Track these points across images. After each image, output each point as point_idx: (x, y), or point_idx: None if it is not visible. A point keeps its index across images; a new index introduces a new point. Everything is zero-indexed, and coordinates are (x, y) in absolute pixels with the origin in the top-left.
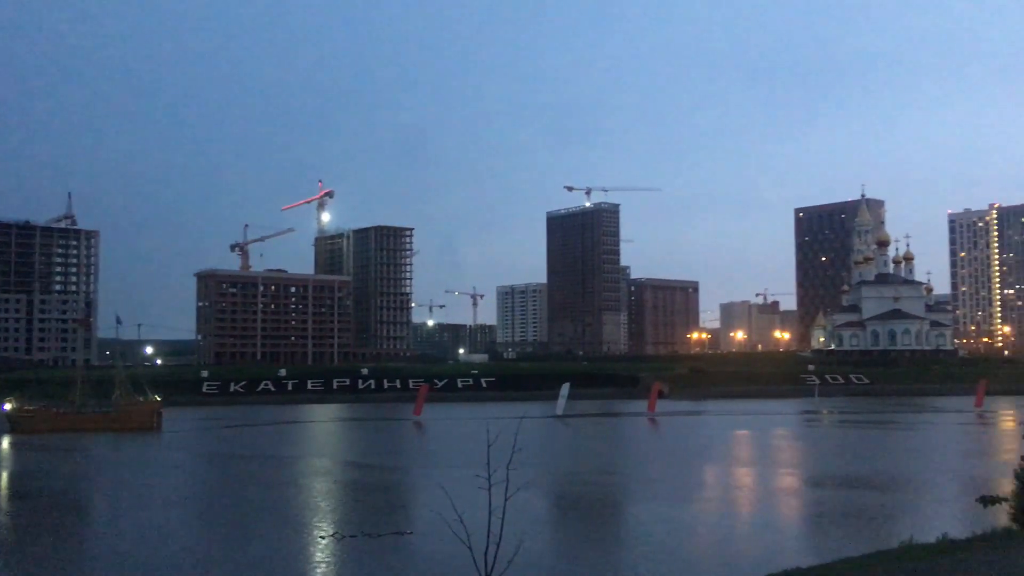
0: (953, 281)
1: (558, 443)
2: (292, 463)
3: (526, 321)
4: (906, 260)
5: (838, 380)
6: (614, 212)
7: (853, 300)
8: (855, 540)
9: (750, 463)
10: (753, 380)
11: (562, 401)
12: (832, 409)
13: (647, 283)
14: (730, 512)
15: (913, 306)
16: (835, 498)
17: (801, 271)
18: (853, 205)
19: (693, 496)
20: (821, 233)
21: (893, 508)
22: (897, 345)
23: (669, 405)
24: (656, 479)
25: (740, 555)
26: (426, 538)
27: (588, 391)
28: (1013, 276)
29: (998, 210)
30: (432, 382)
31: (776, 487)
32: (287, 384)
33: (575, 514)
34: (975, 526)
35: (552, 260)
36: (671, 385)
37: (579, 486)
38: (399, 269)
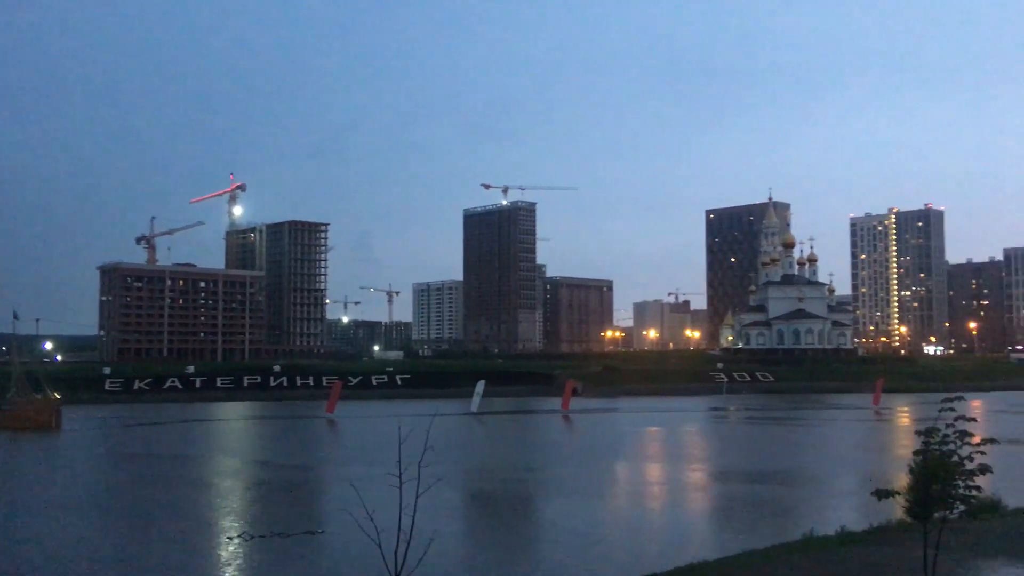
0: (854, 282)
1: (473, 440)
2: (199, 462)
3: (442, 319)
4: (810, 262)
5: (745, 378)
6: (531, 210)
7: (760, 300)
8: (760, 533)
9: (661, 459)
10: (664, 378)
11: (477, 399)
12: (739, 406)
13: (563, 281)
14: (641, 506)
15: (816, 306)
16: (741, 492)
17: (711, 271)
18: (761, 208)
19: (605, 492)
20: (731, 234)
21: (795, 502)
22: (801, 344)
23: (582, 403)
24: (569, 475)
25: (651, 548)
26: (337, 537)
27: (503, 389)
28: (910, 278)
29: (896, 214)
30: (346, 379)
31: (685, 482)
32: (195, 381)
33: (488, 510)
34: (872, 519)
35: (468, 258)
36: (585, 383)
37: (493, 483)
38: (313, 265)
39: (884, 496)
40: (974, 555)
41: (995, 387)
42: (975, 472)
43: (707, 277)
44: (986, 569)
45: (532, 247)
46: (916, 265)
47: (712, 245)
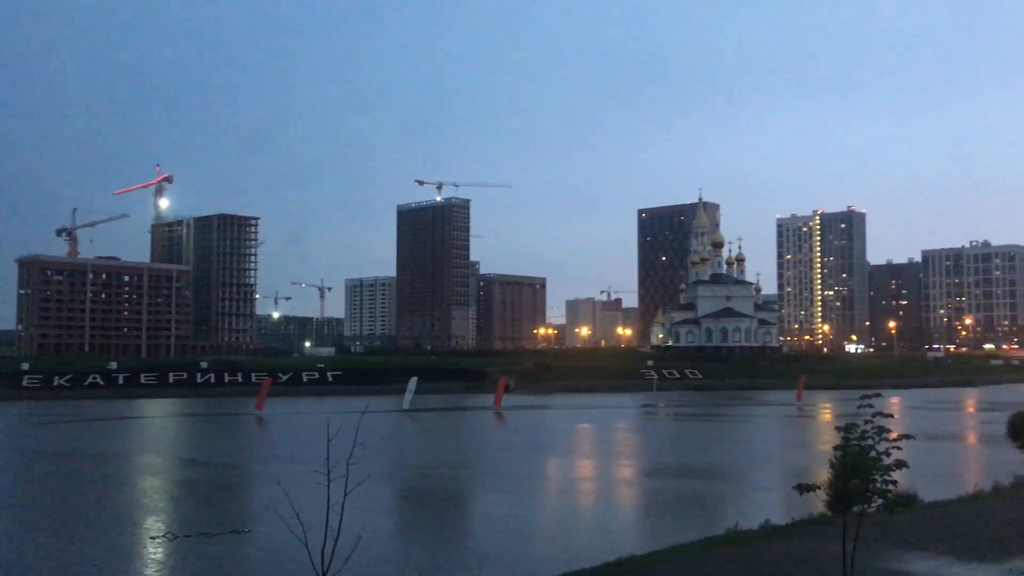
0: (780, 282)
1: (404, 437)
2: (122, 460)
3: (375, 315)
4: (738, 261)
5: (675, 375)
6: (465, 207)
7: (690, 299)
8: (687, 527)
9: (592, 455)
10: (596, 375)
11: (409, 395)
12: (668, 403)
13: (496, 279)
14: (572, 502)
15: (744, 305)
16: (669, 487)
17: (643, 270)
18: (691, 208)
19: (537, 487)
20: (662, 234)
21: (721, 496)
22: (729, 342)
23: (515, 399)
24: (500, 472)
25: (581, 543)
26: (264, 536)
27: (436, 385)
28: (833, 278)
29: (821, 216)
30: (276, 376)
31: (615, 477)
32: (118, 378)
33: (419, 507)
34: (794, 512)
35: (402, 254)
36: (517, 380)
37: (424, 479)
38: (243, 259)
39: (805, 490)
40: (890, 547)
41: (913, 384)
42: (892, 467)
43: (639, 275)
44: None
45: (466, 244)
46: (839, 266)
47: (644, 244)
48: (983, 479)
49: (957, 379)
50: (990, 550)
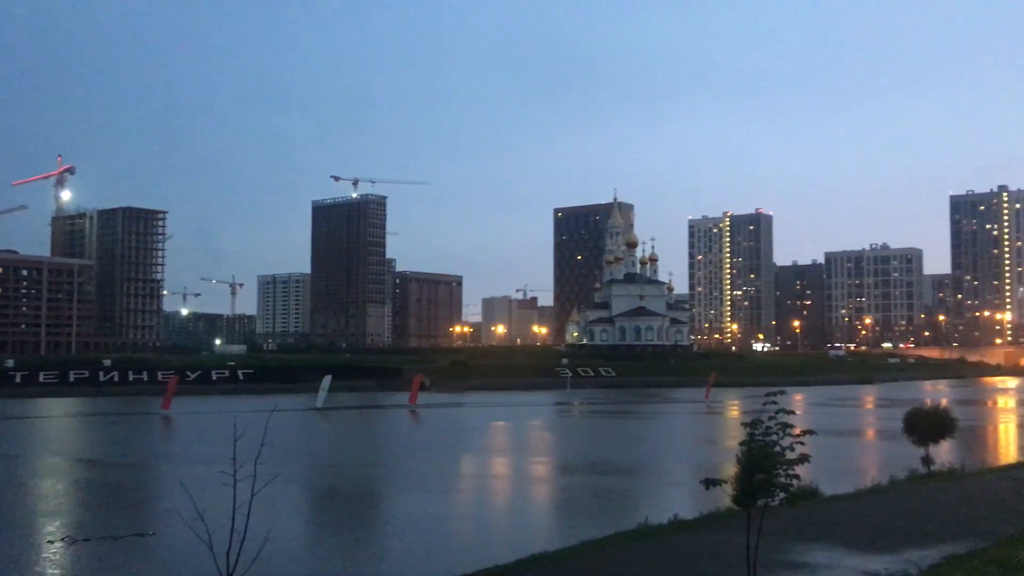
0: (691, 282)
1: (317, 436)
2: (18, 462)
3: (288, 312)
4: (651, 261)
5: (589, 373)
6: (381, 204)
7: (604, 297)
8: (599, 523)
9: (506, 452)
10: (511, 373)
11: (322, 394)
12: (582, 400)
13: (412, 276)
14: (486, 499)
15: (656, 304)
16: (582, 484)
17: (559, 268)
18: (606, 208)
19: (451, 485)
20: (577, 233)
21: (633, 492)
22: (642, 340)
23: (430, 397)
24: (415, 470)
25: (494, 539)
26: (169, 539)
27: (350, 383)
28: (741, 278)
29: (731, 218)
30: (183, 374)
31: (529, 475)
32: (15, 376)
33: (331, 506)
34: (702, 507)
35: (317, 250)
36: (433, 378)
37: (337, 479)
38: (149, 254)
39: (712, 484)
40: (792, 540)
41: (816, 381)
42: (795, 461)
43: (554, 274)
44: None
45: (382, 241)
46: (747, 266)
47: (560, 243)
48: (881, 473)
49: (857, 377)
50: (886, 541)
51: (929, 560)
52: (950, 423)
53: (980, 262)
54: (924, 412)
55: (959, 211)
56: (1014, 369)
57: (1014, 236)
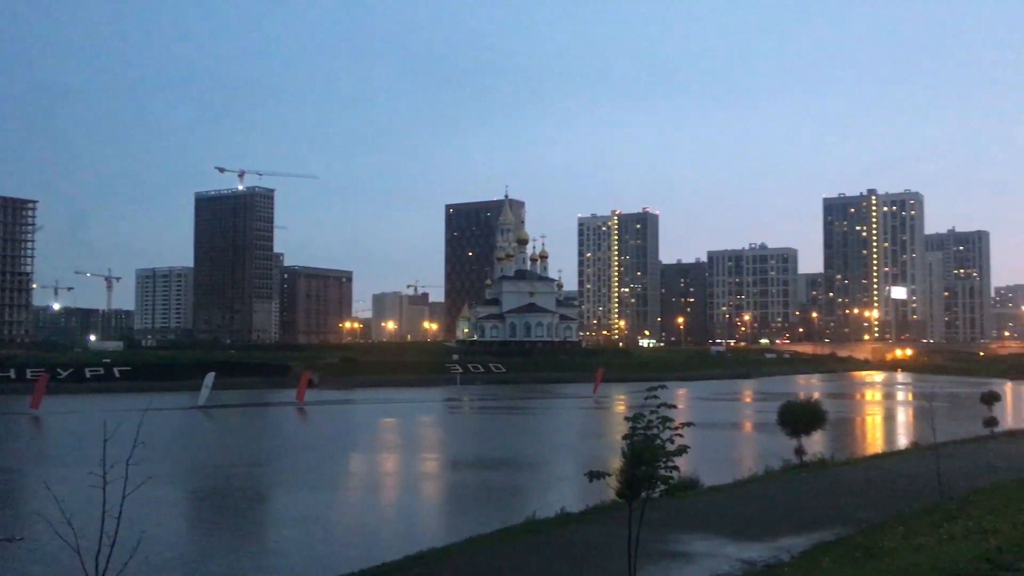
0: (580, 279)
1: (199, 435)
2: None
3: (169, 307)
4: (542, 258)
5: (479, 369)
6: (269, 197)
7: (495, 294)
8: (488, 518)
9: (395, 449)
10: (402, 369)
11: (205, 391)
12: (473, 396)
13: (301, 271)
14: (375, 497)
15: (546, 301)
16: (471, 480)
17: (450, 265)
18: (498, 205)
19: (338, 483)
20: (469, 229)
21: (521, 487)
22: (532, 336)
23: (319, 394)
24: (301, 468)
25: (382, 537)
26: (38, 544)
27: (235, 381)
28: (629, 276)
29: (619, 216)
30: (54, 371)
31: (419, 472)
32: None
33: (211, 507)
34: (588, 500)
35: (200, 244)
36: (321, 374)
37: (218, 479)
38: (17, 245)
39: (596, 478)
40: (674, 530)
41: (699, 376)
42: (674, 453)
43: (445, 270)
44: (683, 542)
45: (269, 235)
46: (634, 264)
47: (451, 239)
48: (757, 464)
49: (736, 372)
50: (761, 529)
51: (800, 547)
52: (821, 415)
53: (850, 262)
54: (797, 405)
55: (831, 213)
56: (881, 364)
57: (882, 237)
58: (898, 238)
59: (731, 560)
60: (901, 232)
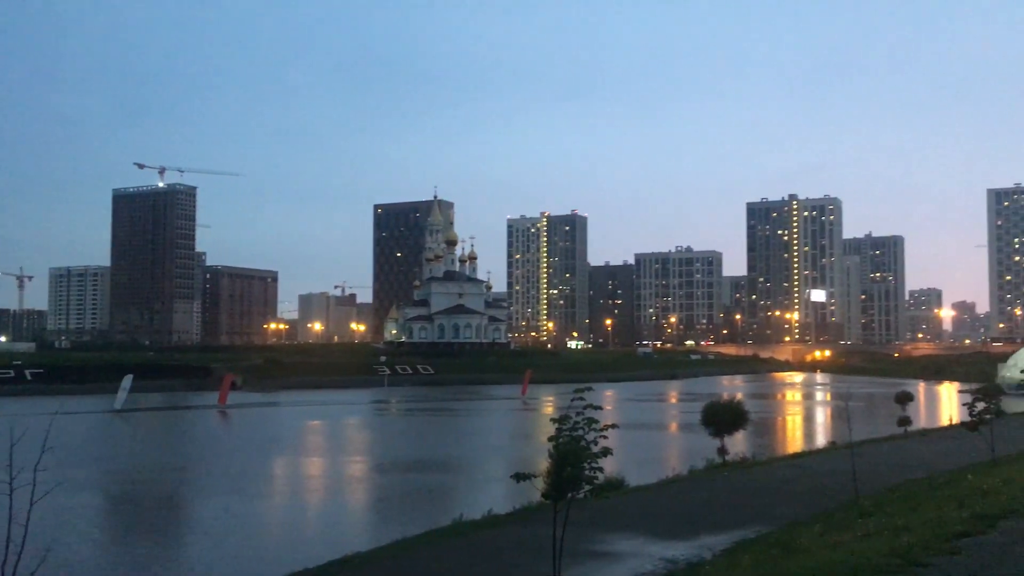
0: (509, 280)
1: (115, 440)
2: None
3: (84, 307)
4: (471, 259)
5: (407, 370)
6: (190, 194)
7: (423, 295)
8: (415, 520)
9: (321, 452)
10: (328, 371)
11: (122, 394)
12: (400, 398)
13: (224, 271)
14: (299, 501)
15: (475, 302)
16: (399, 482)
17: (378, 265)
18: (427, 205)
19: (261, 488)
20: (397, 229)
21: (449, 489)
22: (460, 338)
23: (242, 397)
24: (222, 472)
25: (306, 542)
26: None
27: (154, 383)
28: (557, 277)
29: (548, 218)
30: None
31: (345, 475)
32: None
33: (126, 513)
34: (515, 501)
35: (118, 242)
36: (245, 376)
37: (135, 485)
38: None
39: (522, 479)
40: (598, 530)
41: (626, 378)
42: (598, 455)
43: (374, 271)
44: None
45: (191, 233)
46: (563, 266)
47: (379, 239)
48: (681, 463)
49: (663, 373)
50: (684, 528)
51: (722, 545)
52: (743, 415)
53: (772, 265)
54: (720, 406)
55: (754, 217)
56: (801, 365)
57: (803, 241)
58: (818, 242)
59: (654, 559)
60: (821, 236)
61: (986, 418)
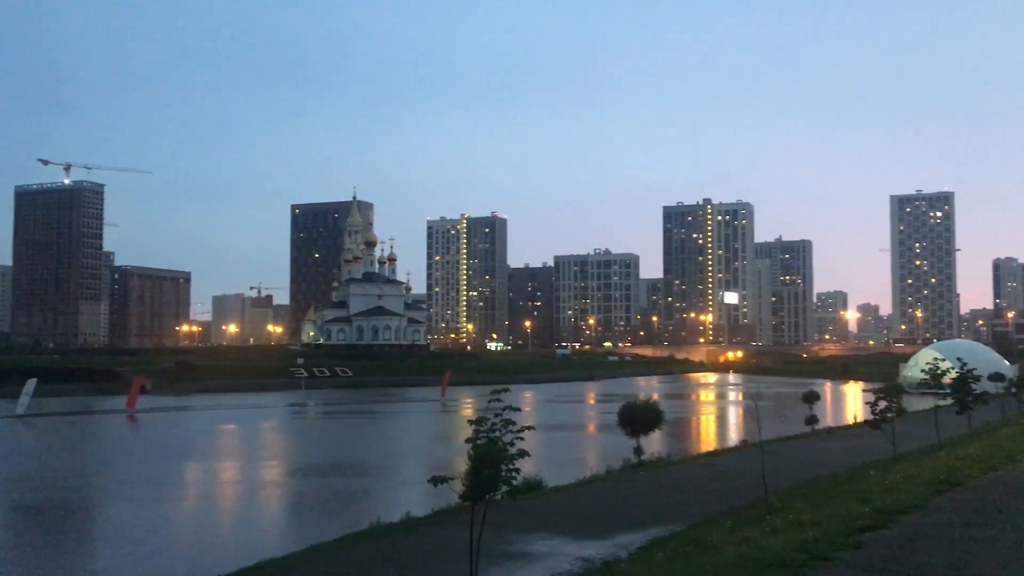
0: (429, 282)
1: (17, 446)
2: None
3: None
4: (390, 261)
5: (325, 373)
6: (98, 192)
7: (342, 296)
8: (332, 525)
9: (235, 457)
10: (243, 374)
11: (25, 399)
12: (318, 401)
13: (134, 271)
14: (212, 507)
15: (394, 304)
16: (316, 486)
17: (295, 266)
18: (346, 206)
19: (173, 494)
20: (316, 230)
21: (367, 492)
22: (380, 340)
23: (152, 401)
24: (131, 479)
25: (219, 549)
26: None
27: (59, 387)
28: (477, 279)
29: (468, 220)
30: None
31: (260, 479)
32: None
33: (29, 522)
34: (434, 504)
35: (20, 241)
36: (156, 380)
37: (38, 492)
38: None
39: (439, 482)
40: (516, 531)
41: (545, 379)
42: (515, 456)
43: (291, 272)
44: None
45: (98, 232)
46: (482, 267)
47: (297, 240)
48: (599, 464)
49: (581, 374)
50: (601, 528)
51: (637, 543)
52: (658, 416)
53: (687, 268)
54: (636, 406)
55: (670, 221)
56: (715, 366)
57: (717, 245)
58: (731, 246)
59: (571, 559)
60: (734, 240)
61: (888, 416)
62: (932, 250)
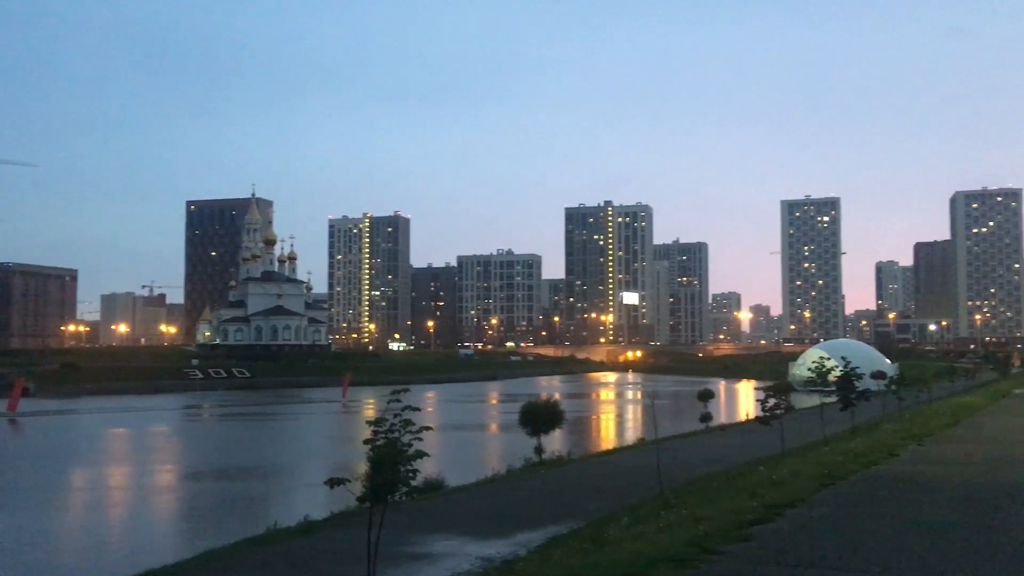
0: (330, 281)
1: None
2: None
3: None
4: (290, 260)
5: (222, 374)
6: None
7: (240, 296)
8: (227, 530)
9: (125, 461)
10: (135, 375)
11: None
12: (214, 403)
13: (16, 269)
14: (99, 514)
15: (294, 303)
16: (210, 490)
17: (190, 264)
18: (244, 203)
19: (55, 501)
20: (212, 228)
21: (264, 496)
22: (279, 340)
23: (35, 404)
24: (10, 486)
25: (107, 557)
26: None
27: None
28: (379, 279)
29: (370, 219)
30: None
31: (151, 485)
32: None
33: None
34: (333, 506)
35: None
36: (39, 382)
37: None
38: None
39: (336, 484)
40: (416, 532)
41: (447, 379)
42: (413, 457)
43: (186, 270)
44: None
45: None
46: (385, 267)
47: (192, 237)
48: (500, 463)
49: (483, 374)
50: (501, 527)
51: (536, 541)
52: (559, 415)
53: (589, 269)
54: (537, 405)
55: (572, 222)
56: (615, 365)
57: (617, 246)
58: (631, 247)
59: (471, 558)
60: (633, 242)
61: (777, 413)
62: (819, 253)
